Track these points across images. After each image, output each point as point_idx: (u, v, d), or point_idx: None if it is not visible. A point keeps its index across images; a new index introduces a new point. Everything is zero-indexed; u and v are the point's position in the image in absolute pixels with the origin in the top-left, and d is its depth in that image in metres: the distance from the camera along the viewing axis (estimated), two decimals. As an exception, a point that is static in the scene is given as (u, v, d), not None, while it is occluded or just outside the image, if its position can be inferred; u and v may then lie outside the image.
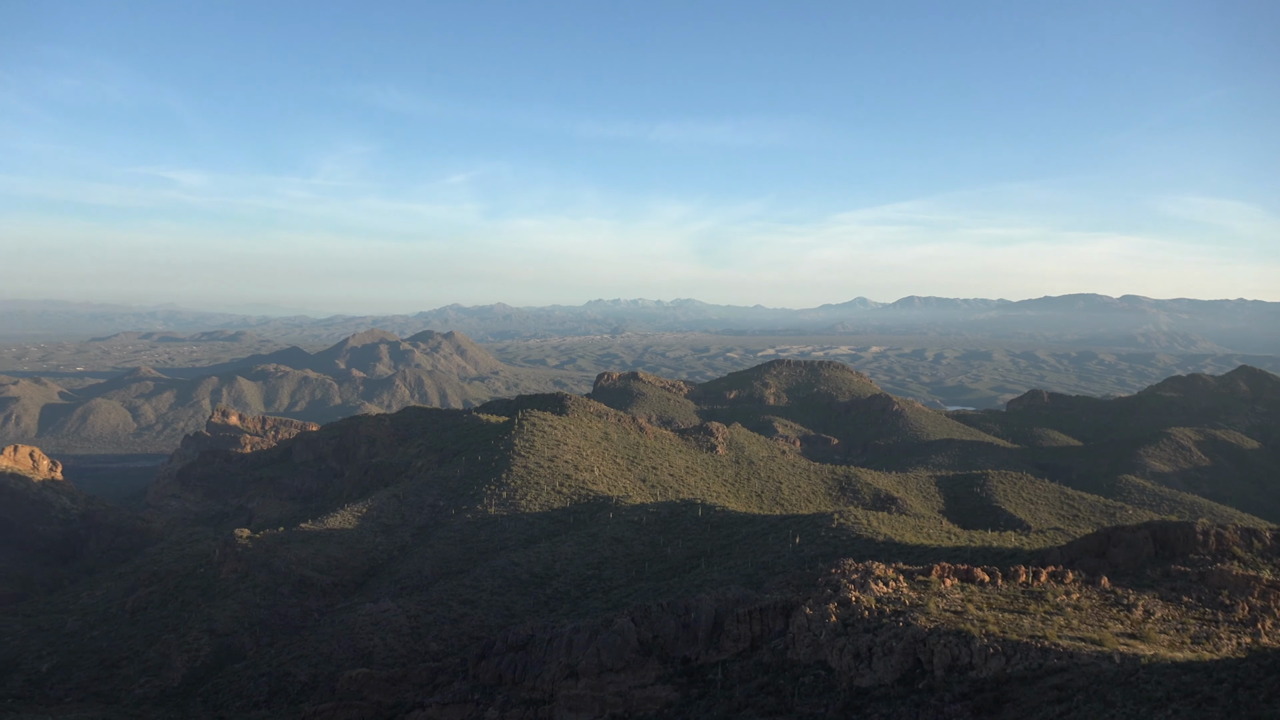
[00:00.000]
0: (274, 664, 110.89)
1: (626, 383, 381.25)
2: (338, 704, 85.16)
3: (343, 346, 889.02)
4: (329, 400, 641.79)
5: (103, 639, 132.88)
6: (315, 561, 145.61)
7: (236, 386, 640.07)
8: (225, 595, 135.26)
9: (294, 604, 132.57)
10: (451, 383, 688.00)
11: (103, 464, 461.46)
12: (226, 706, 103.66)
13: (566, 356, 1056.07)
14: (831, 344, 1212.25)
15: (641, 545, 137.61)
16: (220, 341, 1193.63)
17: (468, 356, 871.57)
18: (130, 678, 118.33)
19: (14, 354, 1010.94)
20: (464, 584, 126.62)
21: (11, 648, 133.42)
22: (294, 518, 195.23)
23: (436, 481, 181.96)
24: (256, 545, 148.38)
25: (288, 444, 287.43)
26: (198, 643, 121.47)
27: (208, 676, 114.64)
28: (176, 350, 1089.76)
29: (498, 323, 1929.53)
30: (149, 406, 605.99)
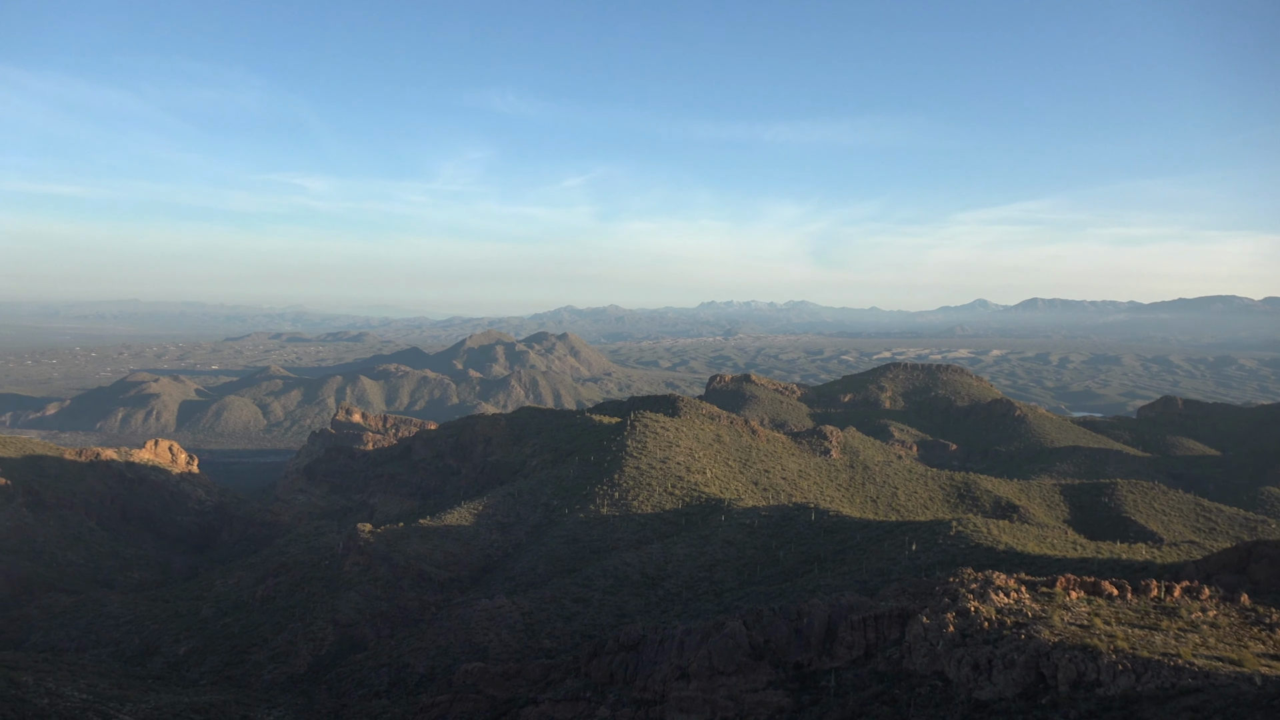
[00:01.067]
0: (393, 655, 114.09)
1: (739, 385, 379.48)
2: (454, 696, 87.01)
3: (460, 347, 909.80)
4: (447, 399, 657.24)
5: (234, 625, 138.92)
6: (433, 557, 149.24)
7: (359, 385, 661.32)
8: (348, 587, 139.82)
9: (413, 597, 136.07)
10: (565, 383, 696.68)
11: (235, 458, 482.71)
12: (349, 695, 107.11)
13: (679, 358, 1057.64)
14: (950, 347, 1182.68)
15: (753, 549, 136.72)
16: (344, 342, 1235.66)
17: (581, 358, 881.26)
18: (260, 663, 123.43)
19: (155, 353, 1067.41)
20: (576, 582, 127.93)
21: (152, 631, 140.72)
22: (413, 514, 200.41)
23: (550, 481, 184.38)
24: (378, 540, 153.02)
25: (407, 442, 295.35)
26: (322, 632, 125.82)
27: (331, 665, 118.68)
28: (304, 350, 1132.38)
29: (610, 324, 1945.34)
30: (278, 404, 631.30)
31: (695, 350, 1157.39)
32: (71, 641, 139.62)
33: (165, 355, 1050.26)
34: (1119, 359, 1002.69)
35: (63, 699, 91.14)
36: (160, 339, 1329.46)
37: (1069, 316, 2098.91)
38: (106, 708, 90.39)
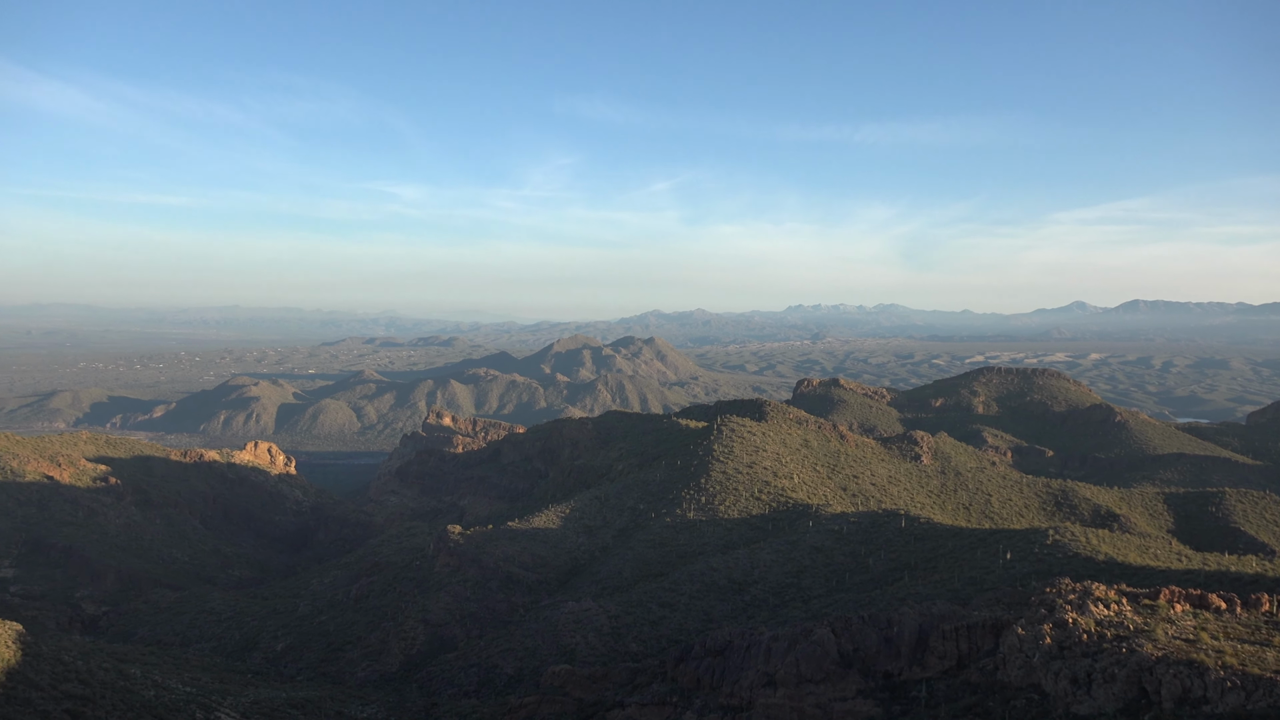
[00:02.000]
0: (482, 655, 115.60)
1: (827, 389, 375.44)
2: (541, 698, 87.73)
3: (548, 351, 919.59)
4: (535, 403, 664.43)
5: (329, 623, 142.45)
6: (521, 559, 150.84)
7: (450, 389, 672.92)
8: (438, 588, 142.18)
9: (501, 599, 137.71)
10: (651, 387, 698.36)
11: (330, 460, 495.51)
12: (439, 694, 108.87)
13: (765, 362, 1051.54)
14: (1046, 350, 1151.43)
15: (842, 555, 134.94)
16: (435, 346, 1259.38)
17: (667, 362, 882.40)
18: (354, 661, 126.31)
19: (255, 357, 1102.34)
20: (663, 587, 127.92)
21: (251, 627, 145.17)
22: (502, 516, 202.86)
23: (637, 485, 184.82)
24: (468, 541, 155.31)
25: (496, 445, 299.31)
26: (414, 631, 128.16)
27: (422, 664, 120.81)
28: (396, 354, 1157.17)
29: (697, 328, 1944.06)
30: (371, 407, 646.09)
31: (782, 354, 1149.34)
32: (176, 636, 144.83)
33: (265, 360, 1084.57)
34: (1227, 363, 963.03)
35: (168, 691, 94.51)
36: (260, 344, 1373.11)
37: (1173, 318, 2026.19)
38: (209, 701, 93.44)
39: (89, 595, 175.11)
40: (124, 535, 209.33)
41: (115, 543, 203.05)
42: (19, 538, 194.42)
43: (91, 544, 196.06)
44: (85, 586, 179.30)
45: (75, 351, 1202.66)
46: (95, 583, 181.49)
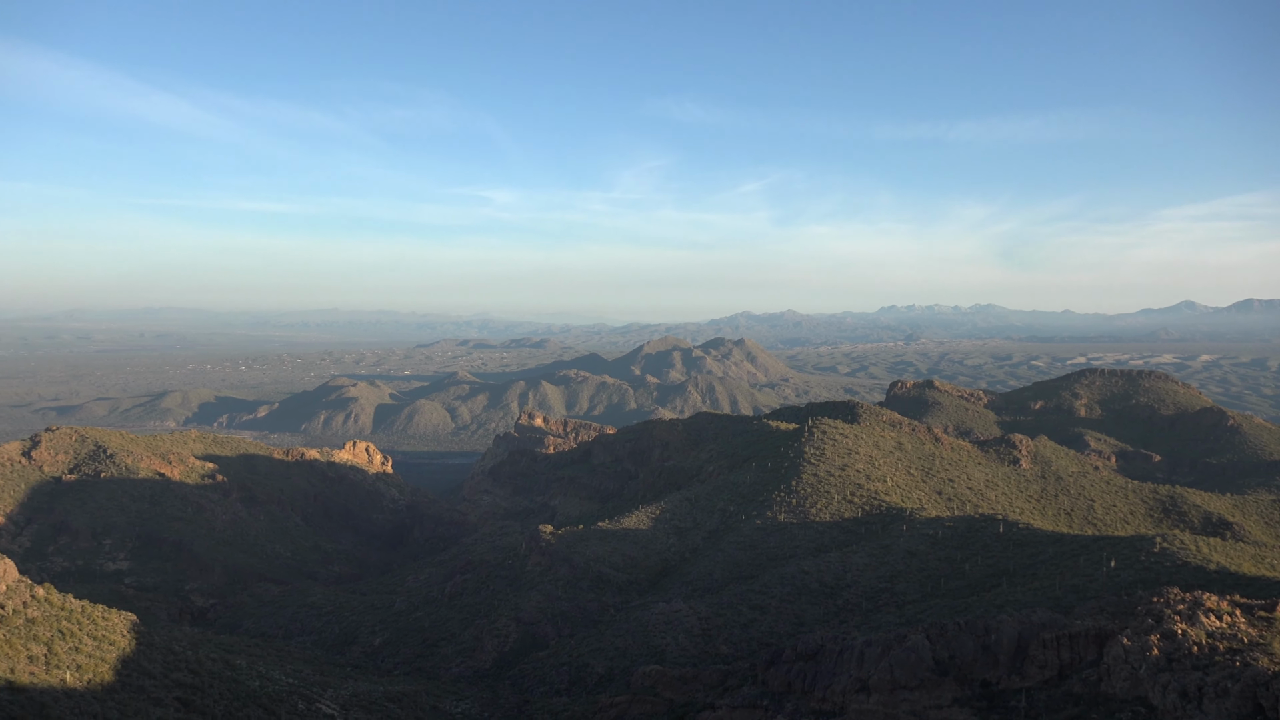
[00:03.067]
0: (573, 654, 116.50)
1: (921, 391, 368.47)
2: (632, 698, 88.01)
3: (638, 353, 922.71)
4: (625, 405, 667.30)
5: (425, 619, 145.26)
6: (612, 559, 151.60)
7: (541, 390, 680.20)
8: (530, 586, 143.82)
9: (592, 598, 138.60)
10: (742, 389, 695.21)
11: (425, 459, 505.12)
12: (531, 691, 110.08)
13: (858, 364, 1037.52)
14: (1152, 352, 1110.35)
15: (937, 560, 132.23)
16: (527, 348, 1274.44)
17: (758, 363, 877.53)
18: (448, 657, 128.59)
19: (353, 359, 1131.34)
20: (754, 589, 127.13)
21: (350, 622, 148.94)
22: (592, 516, 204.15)
23: (727, 486, 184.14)
24: (559, 541, 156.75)
25: (587, 446, 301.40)
26: (506, 629, 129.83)
27: (514, 661, 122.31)
28: (489, 356, 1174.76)
29: (788, 330, 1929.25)
30: (465, 408, 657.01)
31: (875, 356, 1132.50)
32: (279, 628, 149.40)
33: (363, 361, 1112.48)
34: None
35: (272, 682, 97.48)
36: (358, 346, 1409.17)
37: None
38: (310, 692, 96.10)
39: (198, 588, 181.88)
40: (230, 531, 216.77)
41: (222, 538, 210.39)
42: (133, 532, 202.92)
43: (200, 539, 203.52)
44: (194, 580, 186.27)
45: (185, 353, 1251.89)
46: (203, 576, 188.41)
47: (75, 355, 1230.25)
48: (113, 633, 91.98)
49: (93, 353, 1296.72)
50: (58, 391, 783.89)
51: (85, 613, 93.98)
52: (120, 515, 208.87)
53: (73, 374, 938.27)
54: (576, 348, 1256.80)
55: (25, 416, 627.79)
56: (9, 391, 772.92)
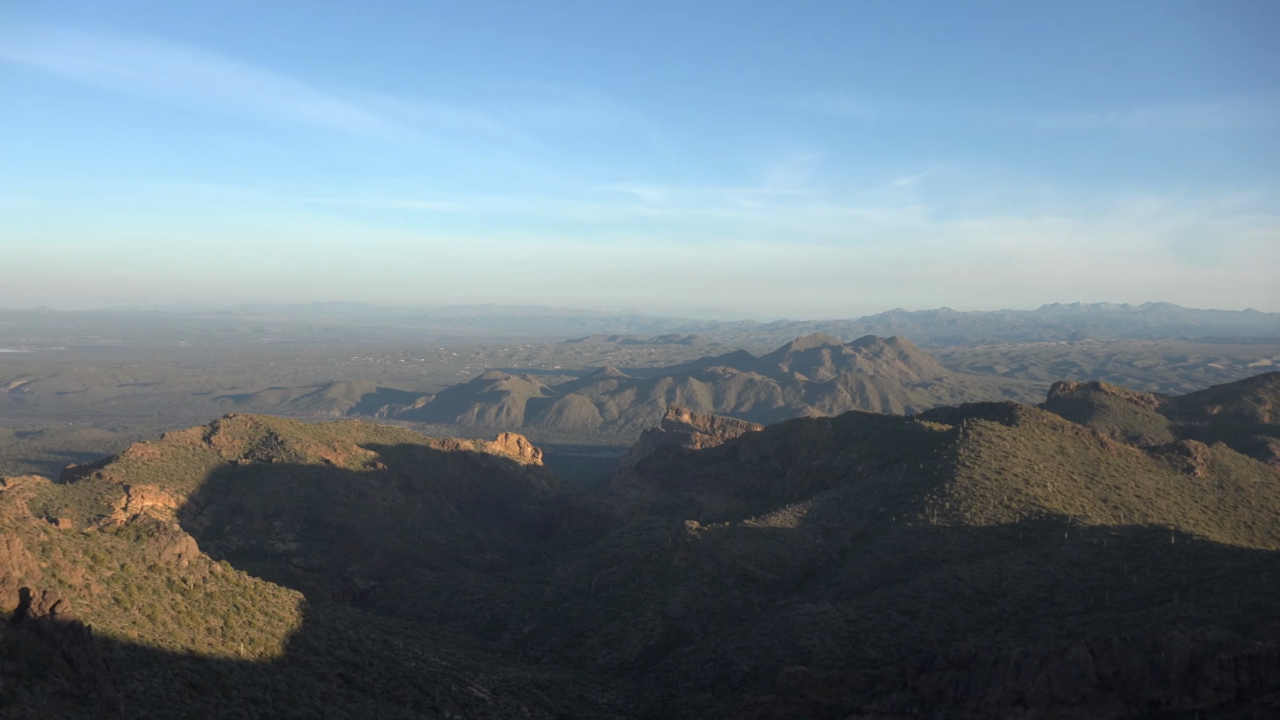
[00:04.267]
0: (718, 651, 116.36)
1: (1086, 393, 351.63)
2: (777, 698, 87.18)
3: (786, 350, 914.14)
4: (772, 402, 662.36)
5: (572, 609, 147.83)
6: (758, 557, 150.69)
7: (688, 386, 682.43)
8: (676, 581, 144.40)
9: (737, 596, 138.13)
10: (893, 388, 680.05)
11: (574, 453, 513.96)
12: (676, 685, 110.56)
13: (1016, 364, 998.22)
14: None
15: (1100, 571, 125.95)
16: (674, 344, 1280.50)
17: (910, 362, 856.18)
18: (594, 648, 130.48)
19: (506, 353, 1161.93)
20: (903, 593, 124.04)
21: (501, 609, 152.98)
22: (738, 513, 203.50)
23: (877, 487, 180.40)
24: (705, 537, 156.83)
25: (734, 442, 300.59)
26: (652, 623, 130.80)
27: (659, 655, 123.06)
28: (637, 352, 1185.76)
29: (942, 328, 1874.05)
30: (613, 402, 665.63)
31: (1035, 355, 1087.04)
32: (434, 613, 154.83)
33: (515, 355, 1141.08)
34: None
35: (427, 664, 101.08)
36: (510, 340, 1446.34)
37: None
38: (462, 675, 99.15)
39: (359, 571, 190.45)
40: (389, 517, 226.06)
41: (382, 523, 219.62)
42: (301, 515, 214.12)
43: (362, 523, 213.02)
44: (356, 562, 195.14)
45: (349, 346, 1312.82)
46: (364, 559, 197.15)
47: (250, 347, 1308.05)
48: (282, 609, 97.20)
49: (266, 344, 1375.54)
50: (234, 381, 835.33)
51: (258, 589, 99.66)
52: (289, 499, 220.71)
53: (248, 364, 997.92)
54: (724, 344, 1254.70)
55: (205, 403, 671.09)
56: (191, 380, 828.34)
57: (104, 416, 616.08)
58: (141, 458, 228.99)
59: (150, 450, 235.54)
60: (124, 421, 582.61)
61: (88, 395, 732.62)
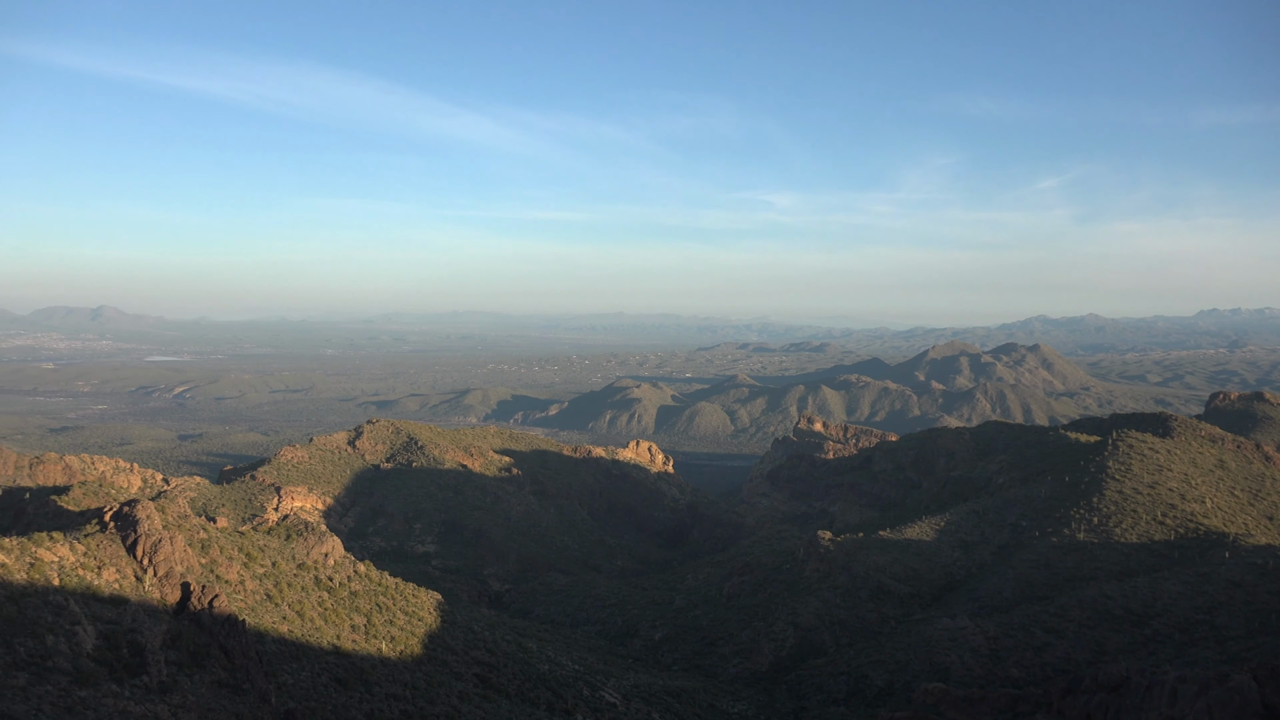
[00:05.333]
0: (852, 664, 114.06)
1: (1248, 404, 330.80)
2: (913, 714, 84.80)
3: (922, 358, 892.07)
4: (907, 411, 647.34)
5: (703, 618, 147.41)
6: (892, 570, 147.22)
7: (821, 395, 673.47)
8: (808, 592, 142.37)
9: (871, 609, 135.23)
10: (1036, 398, 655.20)
11: (704, 460, 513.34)
12: (808, 698, 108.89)
13: (1171, 373, 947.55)
14: None
15: (1266, 593, 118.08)
16: (806, 352, 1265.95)
17: (1054, 370, 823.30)
18: (725, 656, 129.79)
19: (637, 361, 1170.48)
20: (1048, 611, 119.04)
21: (632, 615, 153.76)
22: (872, 525, 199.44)
23: (1018, 500, 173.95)
24: (837, 548, 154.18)
25: (867, 452, 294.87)
26: (783, 633, 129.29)
27: (791, 666, 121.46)
28: (768, 360, 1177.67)
29: (1089, 335, 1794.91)
30: (744, 411, 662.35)
31: (1191, 364, 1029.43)
32: (567, 617, 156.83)
33: (646, 363, 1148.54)
34: None
35: (559, 667, 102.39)
36: (641, 348, 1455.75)
37: None
38: (594, 680, 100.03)
39: (494, 573, 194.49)
40: (524, 521, 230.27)
41: (516, 527, 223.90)
42: (439, 518, 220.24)
43: (497, 527, 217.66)
44: (491, 565, 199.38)
45: (485, 354, 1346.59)
46: (499, 562, 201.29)
47: (392, 355, 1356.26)
48: (421, 609, 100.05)
49: (407, 352, 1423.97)
50: (377, 387, 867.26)
51: (399, 589, 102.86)
52: (428, 502, 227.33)
53: (390, 371, 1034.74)
54: (857, 352, 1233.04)
55: (350, 409, 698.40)
56: (337, 386, 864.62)
57: (257, 421, 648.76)
58: (291, 460, 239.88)
59: (299, 454, 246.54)
60: (275, 426, 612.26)
61: (243, 401, 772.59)
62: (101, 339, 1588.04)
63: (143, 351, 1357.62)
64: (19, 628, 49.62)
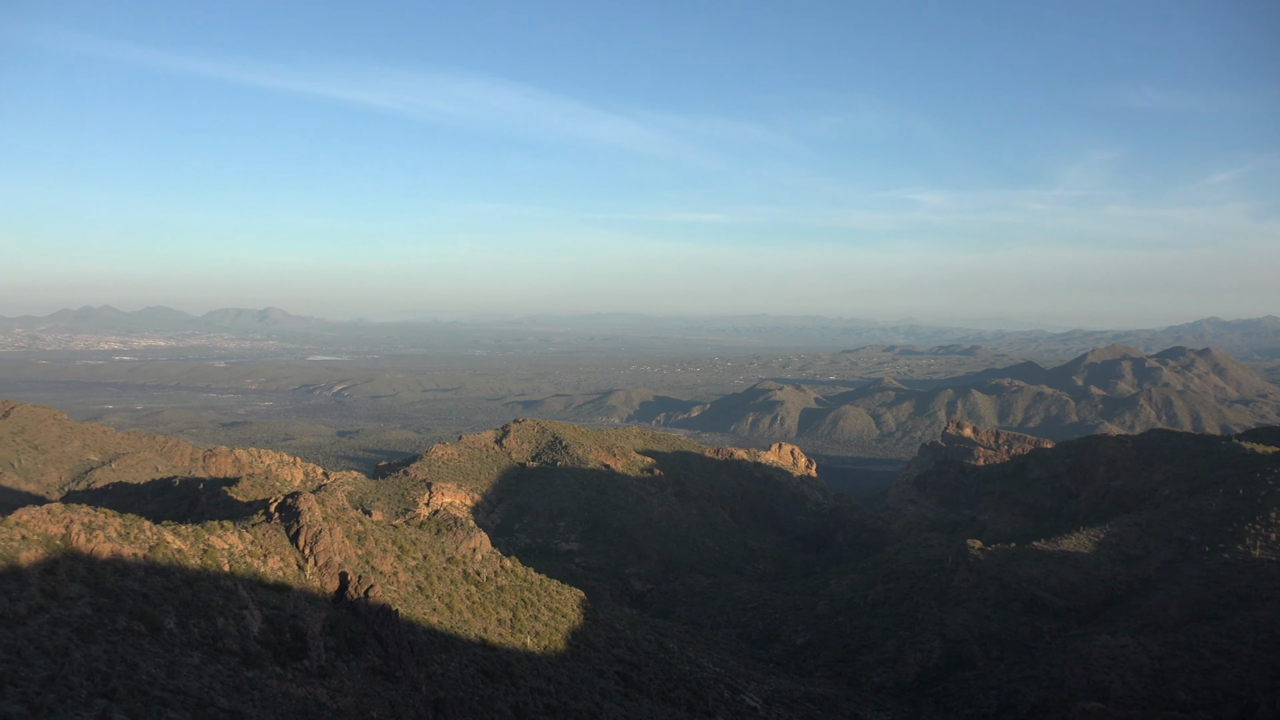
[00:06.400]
0: (1002, 679, 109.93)
1: None
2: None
3: (1080, 362, 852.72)
4: (1064, 418, 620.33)
5: (846, 625, 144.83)
6: (1047, 582, 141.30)
7: (970, 399, 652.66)
8: (956, 603, 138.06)
9: (1024, 622, 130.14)
10: (1206, 405, 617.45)
11: (847, 465, 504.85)
12: (956, 712, 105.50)
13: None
14: None
15: None
16: (956, 355, 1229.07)
17: (1227, 376, 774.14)
18: (868, 665, 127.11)
19: (780, 363, 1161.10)
20: (1219, 631, 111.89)
21: (774, 619, 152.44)
22: (1025, 534, 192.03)
23: (1186, 513, 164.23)
24: (988, 558, 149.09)
25: (1021, 459, 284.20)
26: (930, 644, 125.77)
27: (938, 678, 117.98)
28: (915, 363, 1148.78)
29: (1266, 338, 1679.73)
30: (890, 415, 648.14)
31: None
32: (707, 618, 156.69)
33: (788, 366, 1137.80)
34: None
35: (700, 669, 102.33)
36: (784, 351, 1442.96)
37: None
38: (735, 683, 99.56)
39: (636, 573, 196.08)
40: (665, 522, 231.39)
41: (658, 528, 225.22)
42: (583, 517, 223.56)
43: (639, 527, 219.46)
44: (633, 564, 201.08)
45: (628, 355, 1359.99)
46: (641, 562, 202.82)
47: (537, 356, 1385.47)
48: (565, 606, 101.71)
49: (552, 353, 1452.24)
50: (523, 388, 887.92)
51: (544, 585, 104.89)
52: (572, 501, 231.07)
53: (535, 372, 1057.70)
54: (1010, 355, 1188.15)
55: (497, 409, 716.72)
56: (485, 386, 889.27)
57: (410, 419, 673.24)
58: (441, 458, 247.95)
59: (449, 451, 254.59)
60: (427, 423, 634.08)
61: (397, 399, 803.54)
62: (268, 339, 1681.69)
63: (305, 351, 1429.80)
64: (193, 610, 52.84)
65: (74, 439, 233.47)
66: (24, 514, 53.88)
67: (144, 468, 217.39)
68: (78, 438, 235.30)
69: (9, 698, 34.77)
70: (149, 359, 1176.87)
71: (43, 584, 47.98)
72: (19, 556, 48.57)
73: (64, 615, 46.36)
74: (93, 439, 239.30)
